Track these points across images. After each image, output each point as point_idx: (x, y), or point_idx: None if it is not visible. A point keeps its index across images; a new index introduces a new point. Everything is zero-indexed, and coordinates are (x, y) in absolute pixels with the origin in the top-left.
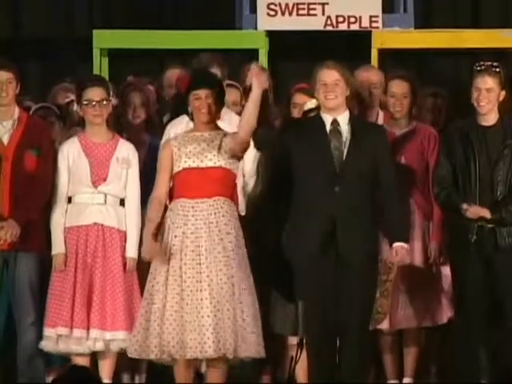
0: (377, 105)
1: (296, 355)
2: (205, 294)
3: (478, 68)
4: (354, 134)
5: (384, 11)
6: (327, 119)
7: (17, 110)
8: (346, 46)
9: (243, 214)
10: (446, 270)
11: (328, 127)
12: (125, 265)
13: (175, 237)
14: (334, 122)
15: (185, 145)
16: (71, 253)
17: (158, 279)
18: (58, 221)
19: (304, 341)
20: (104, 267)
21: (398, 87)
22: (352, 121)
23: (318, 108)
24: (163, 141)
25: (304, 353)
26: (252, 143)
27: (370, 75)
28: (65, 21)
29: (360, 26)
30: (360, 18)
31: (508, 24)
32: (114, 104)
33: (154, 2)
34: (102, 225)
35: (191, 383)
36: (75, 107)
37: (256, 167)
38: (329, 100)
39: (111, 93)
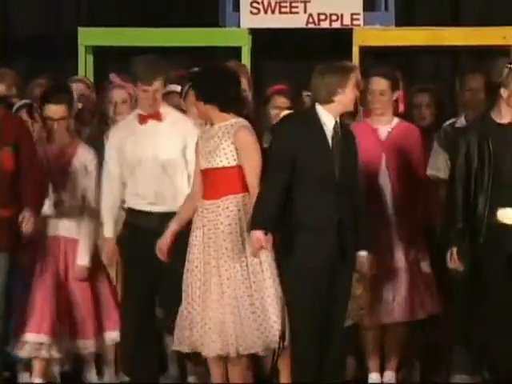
0: (357, 101)
1: (278, 348)
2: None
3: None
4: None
5: (365, 9)
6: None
7: None
8: (328, 44)
9: None
10: (426, 267)
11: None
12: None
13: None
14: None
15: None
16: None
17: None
18: None
19: (286, 335)
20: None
21: (376, 84)
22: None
23: (287, 109)
24: (108, 142)
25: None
26: None
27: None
28: (52, 18)
29: (341, 24)
30: (341, 15)
31: (488, 22)
32: (76, 109)
33: (139, 0)
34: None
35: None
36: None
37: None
38: None
39: (74, 103)
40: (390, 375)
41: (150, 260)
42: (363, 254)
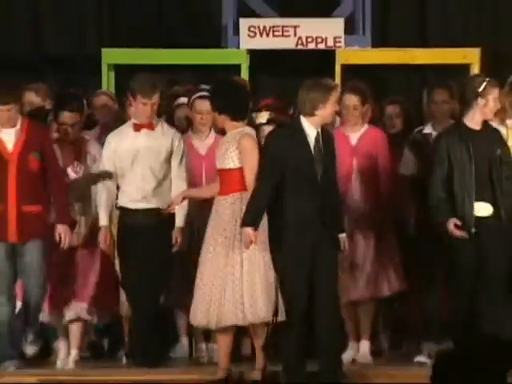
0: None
1: (272, 321)
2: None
3: None
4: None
5: (346, 33)
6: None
7: (20, 118)
8: (314, 62)
9: None
10: (392, 250)
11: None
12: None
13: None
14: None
15: None
16: None
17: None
18: None
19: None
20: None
21: (349, 100)
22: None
23: (269, 121)
24: (105, 145)
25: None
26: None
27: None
28: (79, 40)
29: (326, 46)
30: (326, 38)
31: (451, 44)
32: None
33: (153, 25)
34: None
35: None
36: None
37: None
38: None
39: (84, 110)
40: (364, 344)
41: (140, 250)
42: (343, 235)
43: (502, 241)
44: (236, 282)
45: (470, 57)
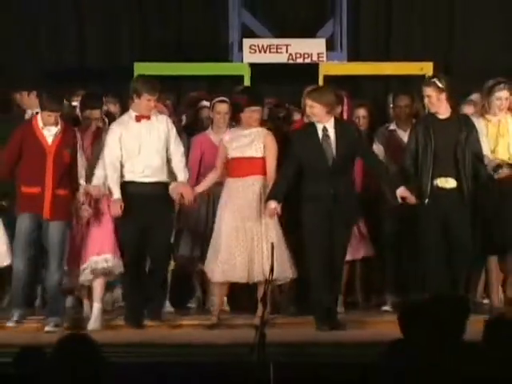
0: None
1: (269, 277)
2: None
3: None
4: (337, 134)
5: (327, 50)
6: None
7: (61, 121)
8: (302, 74)
9: None
10: (361, 223)
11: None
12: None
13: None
14: (324, 129)
15: None
16: None
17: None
18: None
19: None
20: None
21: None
22: (335, 124)
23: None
24: (110, 133)
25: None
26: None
27: None
28: (115, 55)
29: (311, 60)
30: (311, 54)
31: (410, 58)
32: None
33: (174, 43)
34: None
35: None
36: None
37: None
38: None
39: (103, 107)
40: (339, 298)
41: (143, 217)
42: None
43: (463, 209)
44: (250, 246)
45: (426, 69)
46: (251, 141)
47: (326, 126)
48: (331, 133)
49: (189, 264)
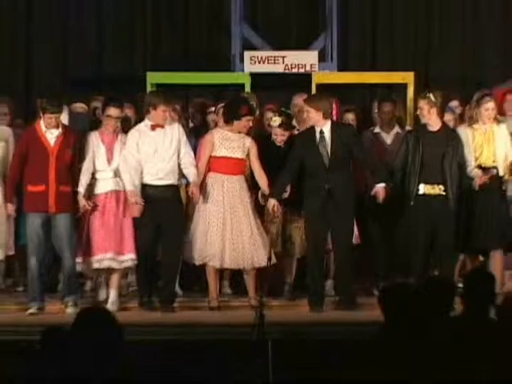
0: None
1: (267, 265)
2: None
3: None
4: (333, 135)
5: (319, 61)
6: (317, 130)
7: (61, 124)
8: (297, 82)
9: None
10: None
11: (317, 135)
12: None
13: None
14: (321, 132)
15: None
16: None
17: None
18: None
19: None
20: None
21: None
22: (332, 127)
23: (281, 123)
24: (129, 140)
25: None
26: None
27: (301, 100)
28: (129, 65)
29: (305, 70)
30: (305, 65)
31: (393, 69)
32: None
33: (183, 54)
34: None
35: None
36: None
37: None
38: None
39: (123, 110)
40: (330, 282)
41: (156, 216)
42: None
43: (448, 213)
44: (243, 237)
45: (408, 78)
46: (239, 145)
47: (322, 129)
48: (327, 135)
49: None
